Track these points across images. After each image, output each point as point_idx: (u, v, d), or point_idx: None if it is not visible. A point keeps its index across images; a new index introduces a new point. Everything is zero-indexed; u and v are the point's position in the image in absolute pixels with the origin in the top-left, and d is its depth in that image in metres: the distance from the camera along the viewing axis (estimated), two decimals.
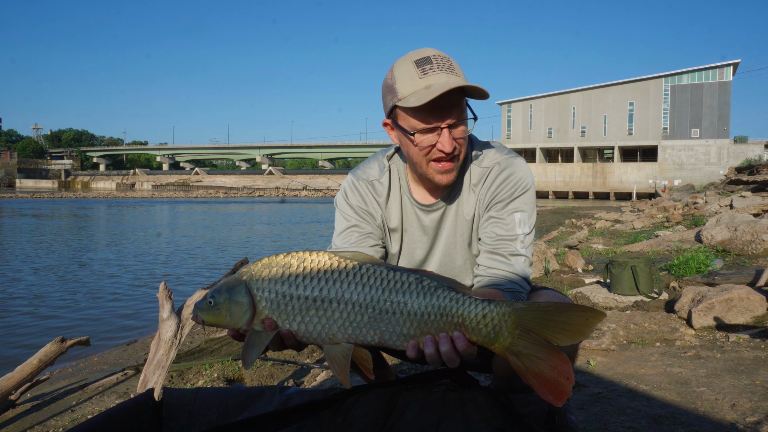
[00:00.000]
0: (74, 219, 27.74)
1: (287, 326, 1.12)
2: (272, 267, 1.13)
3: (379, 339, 1.11)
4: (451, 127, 1.37)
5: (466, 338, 1.09)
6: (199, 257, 12.80)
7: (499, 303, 1.10)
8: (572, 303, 1.12)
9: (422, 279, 1.11)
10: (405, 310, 1.09)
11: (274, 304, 1.11)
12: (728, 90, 51.39)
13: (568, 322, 1.07)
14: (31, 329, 6.28)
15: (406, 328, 1.10)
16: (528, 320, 1.08)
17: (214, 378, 3.62)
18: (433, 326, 1.10)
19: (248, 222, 26.30)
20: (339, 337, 1.11)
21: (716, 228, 7.02)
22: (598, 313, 1.06)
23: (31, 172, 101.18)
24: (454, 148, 1.39)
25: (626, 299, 4.49)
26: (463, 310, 1.09)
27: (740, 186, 21.37)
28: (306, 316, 1.11)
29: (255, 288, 1.12)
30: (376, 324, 1.10)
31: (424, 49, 1.39)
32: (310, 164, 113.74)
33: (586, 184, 54.82)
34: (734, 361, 2.89)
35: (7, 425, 3.20)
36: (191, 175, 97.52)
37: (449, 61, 1.37)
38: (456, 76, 1.35)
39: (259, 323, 1.12)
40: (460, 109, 1.37)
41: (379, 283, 1.10)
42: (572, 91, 57.52)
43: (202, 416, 1.52)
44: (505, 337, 1.08)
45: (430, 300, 1.09)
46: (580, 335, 1.06)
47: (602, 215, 18.39)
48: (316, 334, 1.11)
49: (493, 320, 1.08)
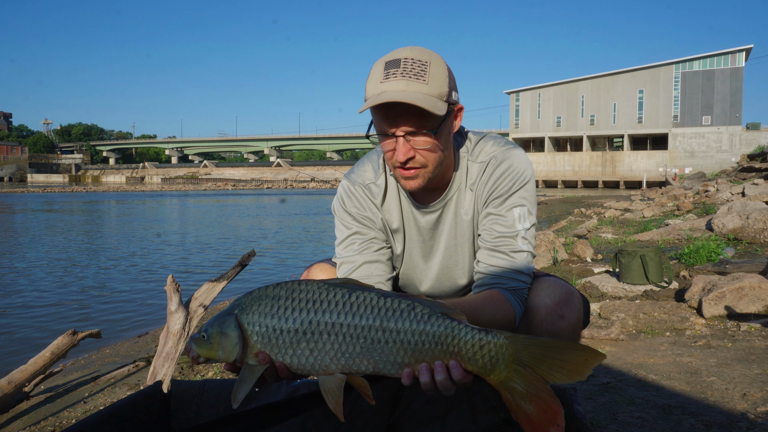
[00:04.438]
0: (86, 213, 27.98)
1: (280, 359, 1.11)
2: (261, 299, 1.12)
3: (374, 368, 1.10)
4: (410, 135, 1.31)
5: (462, 368, 1.07)
6: (207, 250, 12.88)
7: (497, 334, 1.07)
8: (571, 342, 1.09)
9: (414, 305, 1.09)
10: (398, 339, 1.08)
11: (264, 338, 1.11)
12: (740, 76, 50.64)
13: (567, 361, 1.04)
14: (44, 322, 6.36)
15: (400, 357, 1.08)
16: (525, 355, 1.05)
17: (222, 370, 3.64)
18: (428, 354, 1.08)
19: (256, 214, 26.40)
20: (332, 368, 1.10)
21: (728, 216, 6.94)
22: (597, 353, 1.04)
23: (42, 166, 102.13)
24: (410, 159, 1.32)
25: (636, 288, 4.46)
26: (459, 339, 1.07)
27: (752, 173, 21.11)
28: (297, 348, 1.10)
29: (245, 322, 1.12)
30: (369, 353, 1.08)
31: (402, 50, 1.34)
32: (318, 156, 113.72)
33: (595, 173, 54.41)
34: (745, 351, 2.86)
35: (21, 416, 3.24)
36: (200, 168, 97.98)
37: (422, 66, 1.29)
38: (420, 83, 1.28)
39: (253, 357, 1.12)
40: (422, 119, 1.28)
41: (370, 311, 1.08)
42: (581, 79, 56.93)
43: (210, 407, 1.53)
44: (501, 370, 1.06)
45: (424, 327, 1.07)
46: (578, 375, 1.03)
47: (611, 204, 18.26)
48: (309, 366, 1.10)
49: (490, 351, 1.06)
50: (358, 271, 1.48)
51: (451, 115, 1.36)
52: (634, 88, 54.40)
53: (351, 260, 1.51)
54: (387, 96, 1.27)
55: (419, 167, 1.35)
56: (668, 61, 53.10)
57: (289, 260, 11.19)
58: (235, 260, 2.99)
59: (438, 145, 1.34)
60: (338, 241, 1.55)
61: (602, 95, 55.67)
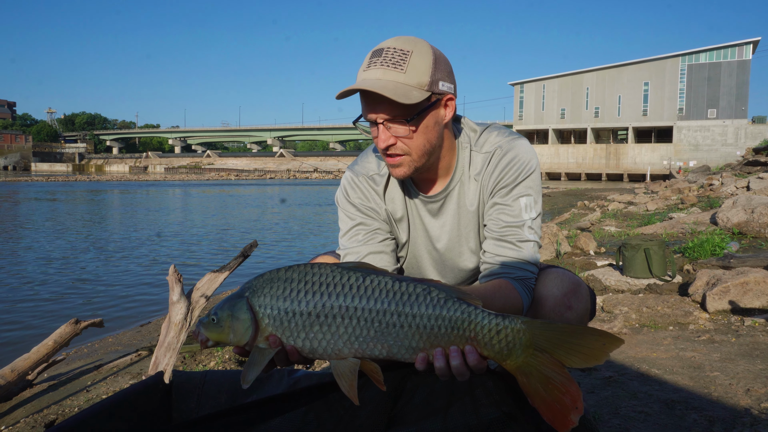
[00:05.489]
0: (89, 202, 28.04)
1: (291, 342, 1.09)
2: (273, 282, 1.11)
3: (387, 352, 1.08)
4: (388, 122, 1.32)
5: (478, 353, 1.06)
6: (210, 240, 12.90)
7: (514, 318, 1.06)
8: (590, 327, 1.09)
9: (430, 290, 1.07)
10: (413, 323, 1.06)
11: (276, 321, 1.09)
12: (747, 69, 50.22)
13: (585, 346, 1.03)
14: (47, 311, 6.38)
15: (415, 342, 1.07)
16: (542, 340, 1.05)
17: (225, 359, 3.65)
18: (444, 339, 1.07)
19: (259, 204, 26.41)
20: (345, 352, 1.08)
21: (732, 210, 6.90)
22: (615, 339, 1.04)
23: (45, 155, 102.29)
24: (391, 145, 1.33)
25: (639, 282, 4.44)
26: (476, 324, 1.06)
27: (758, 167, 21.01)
28: (310, 332, 1.08)
29: (257, 305, 1.10)
30: (383, 338, 1.07)
31: (390, 39, 1.34)
32: (321, 146, 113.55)
33: (599, 165, 54.21)
34: (749, 346, 2.85)
35: (24, 404, 3.26)
36: (203, 157, 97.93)
37: (402, 55, 1.29)
38: (397, 72, 1.28)
39: (263, 340, 1.10)
40: (398, 107, 1.28)
41: (385, 295, 1.07)
42: (586, 71, 56.55)
43: (212, 398, 1.53)
44: (518, 355, 1.05)
45: (440, 312, 1.06)
46: (595, 360, 1.03)
47: (615, 197, 18.20)
48: (321, 349, 1.09)
49: (507, 336, 1.05)
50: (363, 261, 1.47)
51: (437, 104, 1.35)
52: (640, 81, 54.02)
53: (355, 251, 1.50)
54: (357, 84, 1.29)
55: (402, 154, 1.36)
56: (674, 53, 52.65)
57: (291, 252, 11.21)
58: (237, 251, 2.99)
59: (419, 134, 1.34)
60: (342, 233, 1.54)
61: (607, 87, 55.32)
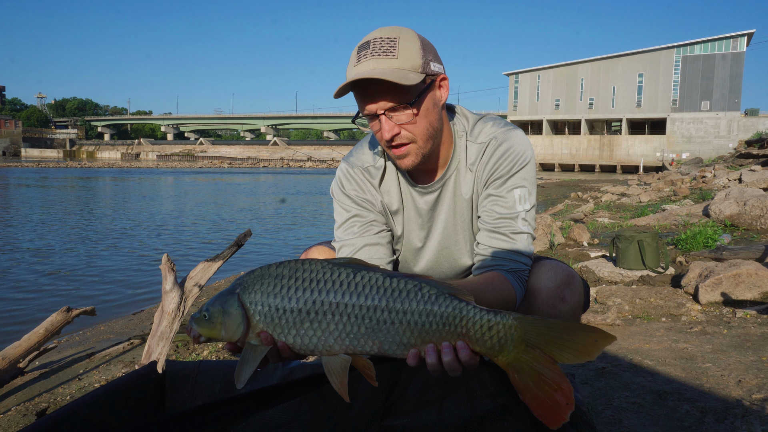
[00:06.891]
0: (81, 189, 27.82)
1: (283, 339, 1.09)
2: (264, 278, 1.10)
3: (378, 349, 1.08)
4: (390, 111, 1.30)
5: (470, 348, 1.06)
6: (203, 229, 12.84)
7: (505, 314, 1.06)
8: (582, 324, 1.09)
9: (421, 286, 1.07)
10: (404, 320, 1.06)
11: (267, 318, 1.09)
12: (741, 61, 50.30)
13: (577, 342, 1.03)
14: (39, 299, 6.34)
15: (406, 338, 1.07)
16: (534, 335, 1.04)
17: (219, 348, 3.64)
18: (435, 335, 1.07)
19: (253, 193, 26.30)
20: (336, 348, 1.08)
21: (725, 202, 6.94)
22: (607, 335, 1.03)
23: (36, 141, 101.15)
24: (396, 135, 1.32)
25: (632, 274, 4.47)
26: (468, 320, 1.06)
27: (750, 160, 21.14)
28: (301, 328, 1.08)
29: (248, 301, 1.09)
30: (374, 334, 1.07)
31: (373, 32, 1.33)
32: (315, 135, 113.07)
33: (592, 156, 54.32)
34: (741, 337, 2.87)
35: (16, 392, 3.24)
36: (196, 145, 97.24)
37: (390, 42, 1.29)
38: (390, 59, 1.27)
39: (255, 337, 1.10)
40: (399, 93, 1.28)
41: (376, 291, 1.06)
42: (581, 62, 56.45)
43: (205, 388, 1.51)
44: (509, 351, 1.05)
45: (432, 308, 1.06)
46: (587, 356, 1.02)
47: (608, 188, 18.28)
48: (312, 346, 1.09)
49: (499, 332, 1.05)
50: (359, 253, 1.46)
51: (432, 85, 1.34)
52: (634, 72, 54.00)
53: (351, 243, 1.49)
54: (354, 76, 1.27)
55: (408, 143, 1.35)
56: (669, 45, 52.62)
57: (285, 241, 11.18)
58: (231, 240, 2.96)
59: (421, 117, 1.33)
60: (337, 225, 1.53)
61: (602, 78, 55.28)
